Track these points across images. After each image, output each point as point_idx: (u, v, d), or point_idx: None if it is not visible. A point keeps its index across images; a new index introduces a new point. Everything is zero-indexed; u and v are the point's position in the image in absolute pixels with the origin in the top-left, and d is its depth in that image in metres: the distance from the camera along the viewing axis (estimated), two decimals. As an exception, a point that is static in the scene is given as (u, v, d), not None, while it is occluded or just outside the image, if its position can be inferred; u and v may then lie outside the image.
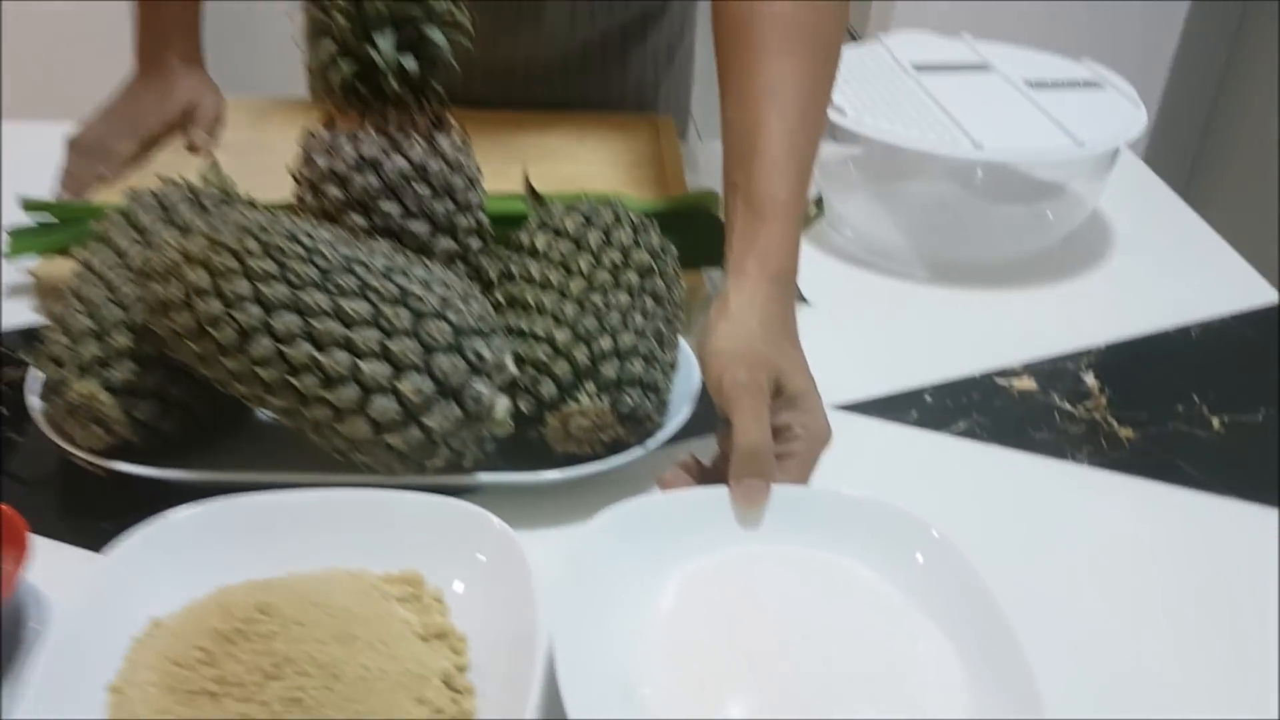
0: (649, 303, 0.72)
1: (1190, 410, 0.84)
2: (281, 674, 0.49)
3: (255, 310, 0.60)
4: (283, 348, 0.61)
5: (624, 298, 0.70)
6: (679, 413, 0.74)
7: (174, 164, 0.98)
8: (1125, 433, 0.81)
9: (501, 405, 0.66)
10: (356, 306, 0.61)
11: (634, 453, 0.70)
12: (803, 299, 0.94)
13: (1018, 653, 0.53)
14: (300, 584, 0.54)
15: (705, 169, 1.13)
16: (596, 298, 0.70)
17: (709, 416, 0.70)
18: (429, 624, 0.56)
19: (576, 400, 0.67)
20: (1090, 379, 0.87)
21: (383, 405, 0.62)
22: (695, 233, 0.87)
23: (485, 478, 0.67)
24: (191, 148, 1.06)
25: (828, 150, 0.83)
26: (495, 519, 0.59)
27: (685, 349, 0.80)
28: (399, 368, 0.62)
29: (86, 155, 1.02)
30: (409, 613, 0.57)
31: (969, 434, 0.80)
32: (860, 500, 0.62)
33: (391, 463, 0.64)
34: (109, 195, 0.96)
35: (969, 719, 0.51)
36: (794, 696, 0.51)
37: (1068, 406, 0.84)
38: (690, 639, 0.55)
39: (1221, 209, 1.22)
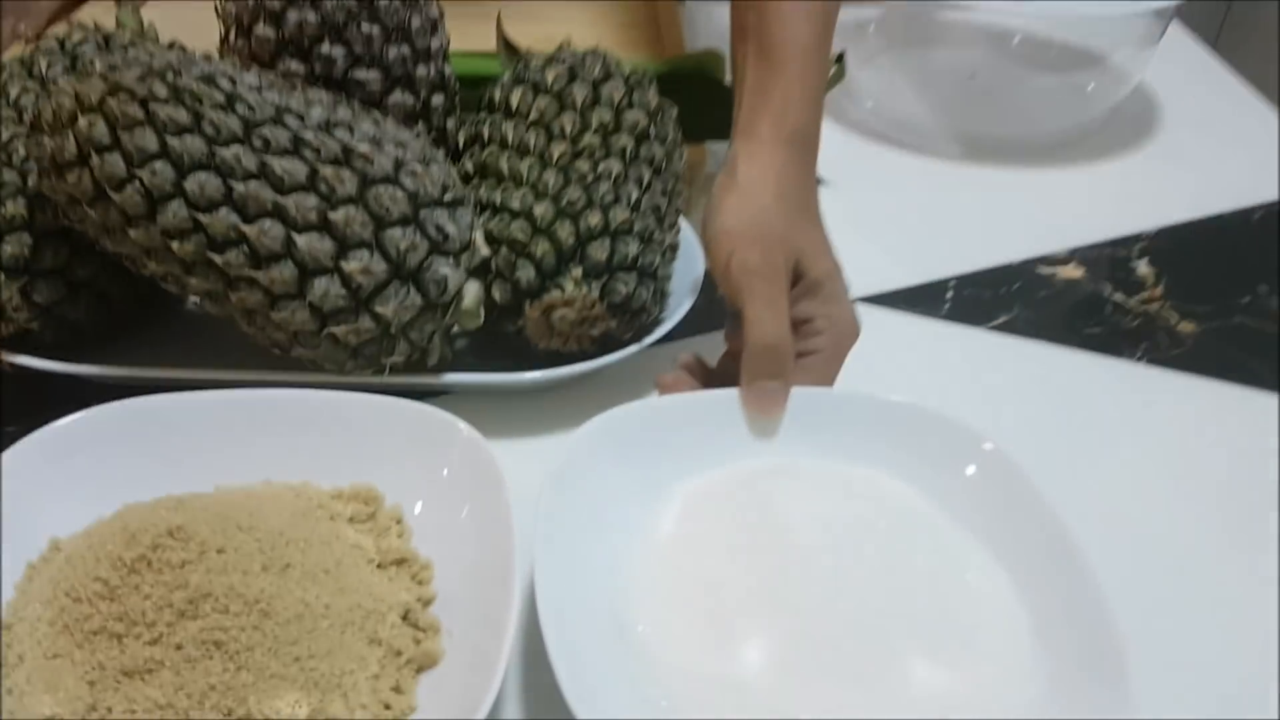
0: (645, 172, 0.61)
1: (1256, 301, 0.74)
2: (198, 611, 0.40)
3: (164, 169, 0.49)
4: (200, 216, 0.50)
5: (615, 165, 0.59)
6: (681, 305, 0.64)
7: (104, 19, 0.84)
8: (1186, 327, 0.71)
9: (471, 292, 0.55)
10: (289, 166, 0.50)
11: (628, 351, 0.60)
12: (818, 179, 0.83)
13: (1089, 583, 0.44)
14: (224, 502, 0.44)
15: (706, 31, 1.00)
16: (583, 165, 0.59)
17: (716, 310, 0.59)
18: (386, 549, 0.47)
19: (559, 287, 0.57)
20: (1144, 267, 0.77)
21: (325, 288, 0.51)
22: (696, 100, 0.75)
23: (453, 379, 0.57)
24: None
25: (845, 12, 0.72)
26: (463, 425, 0.49)
27: (688, 230, 0.69)
28: (343, 243, 0.51)
29: (4, 13, 0.89)
30: (362, 536, 0.47)
31: (1009, 328, 0.70)
32: (896, 405, 0.53)
33: (341, 359, 0.54)
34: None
35: (1034, 670, 0.43)
36: (819, 637, 0.43)
37: (1120, 298, 0.74)
38: (694, 569, 0.46)
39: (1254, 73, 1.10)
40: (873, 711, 0.41)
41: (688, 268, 0.67)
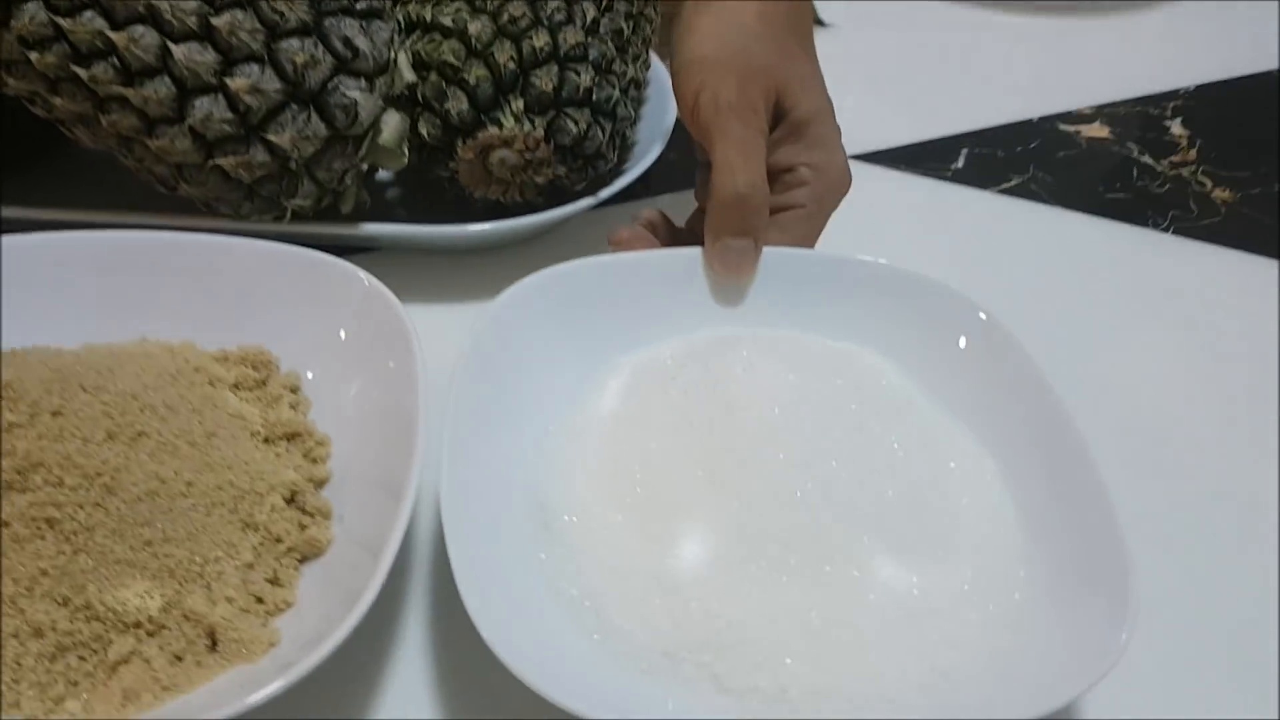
0: (605, -11, 0.52)
1: (1303, 170, 0.65)
2: (26, 483, 0.33)
3: (4, -41, 0.40)
4: (61, 21, 0.41)
5: (569, -21, 0.50)
6: (647, 154, 0.56)
7: None
8: (1220, 194, 0.63)
9: (390, 125, 0.47)
10: (156, -43, 0.41)
11: (580, 204, 0.52)
12: (818, 20, 0.73)
13: (1090, 476, 0.37)
14: (68, 358, 0.37)
15: None
16: (529, -24, 0.50)
17: (690, 164, 0.51)
18: (275, 421, 0.40)
19: (497, 123, 0.49)
20: (1177, 127, 0.68)
21: (207, 110, 0.43)
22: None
23: (372, 230, 0.50)
24: None
25: None
26: (365, 276, 0.42)
27: (661, 69, 0.61)
28: (228, 55, 0.42)
29: None
30: (246, 405, 0.41)
31: (1023, 192, 0.62)
32: (881, 270, 0.45)
33: (236, 200, 0.47)
34: None
35: (1020, 573, 0.36)
36: (770, 531, 0.36)
37: (1149, 160, 0.65)
38: (631, 451, 0.39)
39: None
40: (829, 615, 0.35)
41: (659, 112, 0.59)
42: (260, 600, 0.35)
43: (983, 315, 0.42)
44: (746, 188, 0.44)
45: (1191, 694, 0.38)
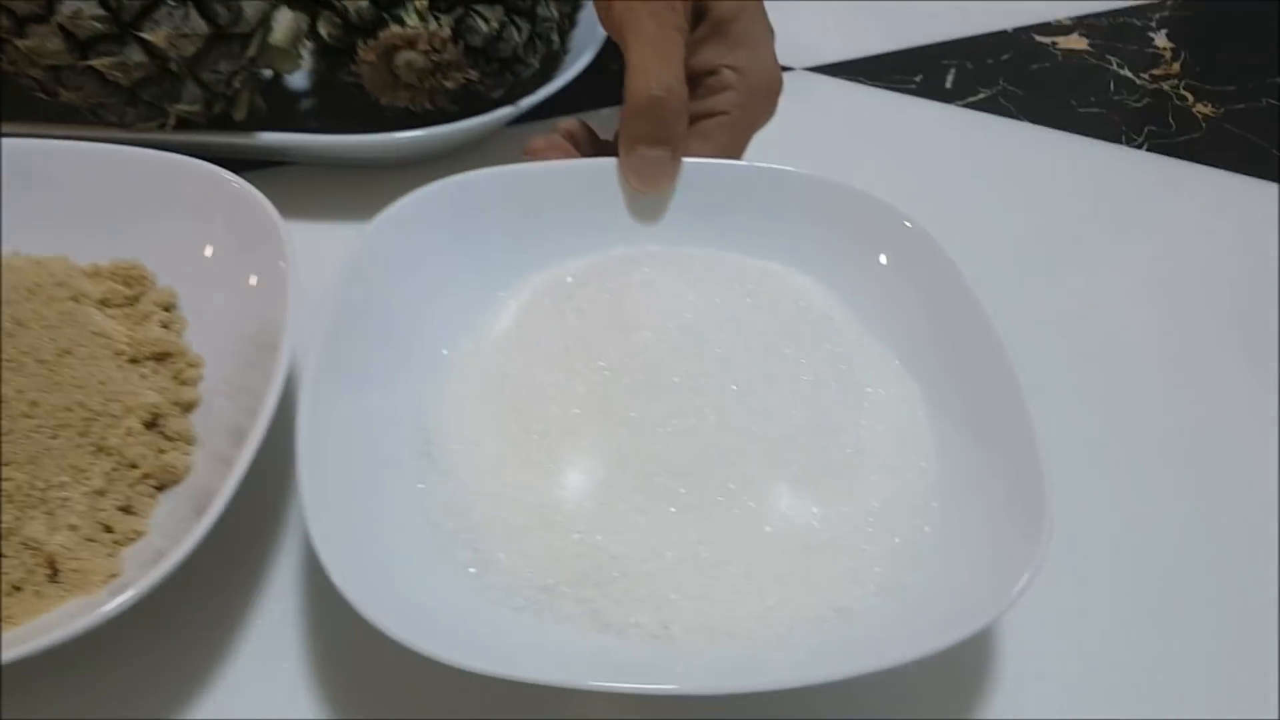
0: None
1: (1293, 84, 0.61)
2: None
3: None
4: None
5: None
6: (577, 61, 0.52)
7: None
8: (1202, 109, 0.59)
9: (282, 23, 0.44)
10: None
11: (499, 114, 0.48)
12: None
13: (1015, 405, 0.34)
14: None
15: None
16: None
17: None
18: (143, 340, 0.37)
19: (400, 21, 0.45)
20: (1162, 39, 0.64)
21: (77, 7, 0.40)
22: None
23: (269, 139, 0.46)
24: None
25: None
26: (236, 180, 0.39)
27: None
28: (90, -57, 0.39)
29: None
30: (112, 323, 0.38)
31: (992, 106, 0.58)
32: (807, 181, 0.41)
33: (119, 106, 0.43)
34: None
35: (935, 510, 0.34)
36: (661, 461, 0.33)
37: (1128, 74, 0.61)
38: (526, 377, 0.36)
39: None
40: (720, 548, 0.32)
41: (593, 19, 0.55)
42: (109, 529, 0.33)
43: (908, 224, 0.39)
44: (661, 90, 0.40)
45: (1113, 628, 0.35)
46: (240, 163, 0.43)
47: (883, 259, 0.39)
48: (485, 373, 0.37)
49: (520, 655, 0.30)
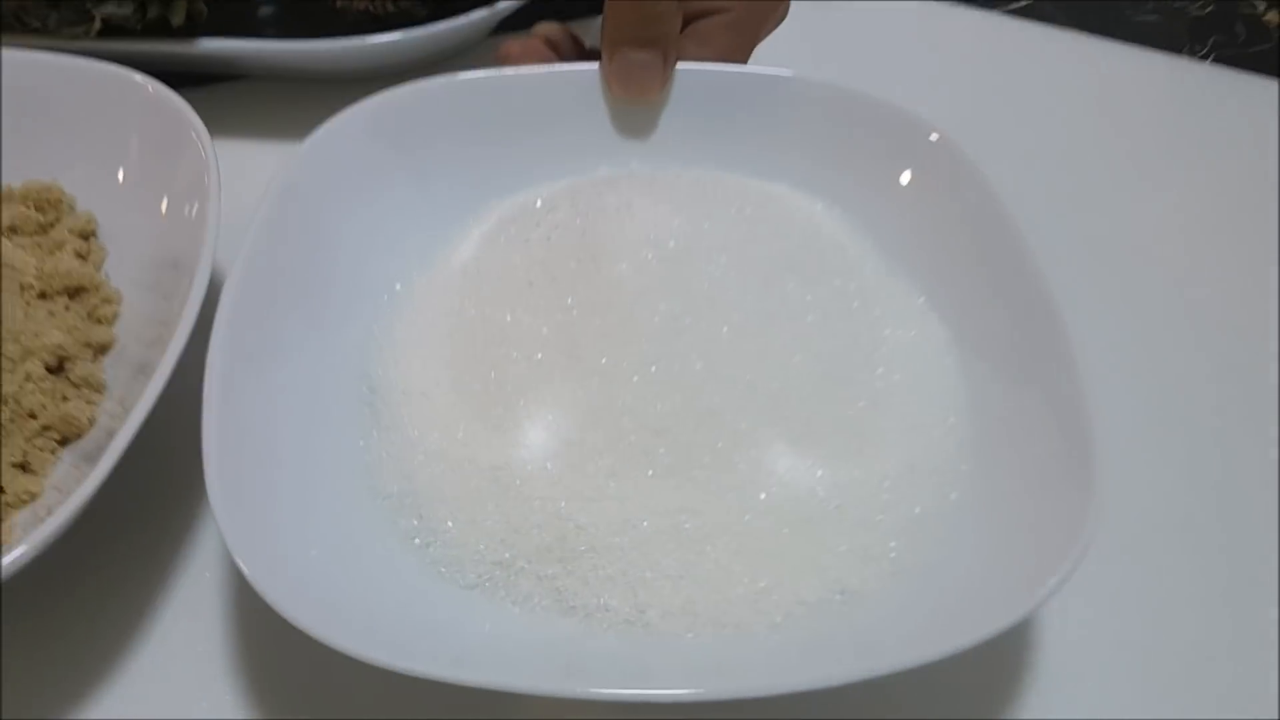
0: None
1: (1384, -13, 0.53)
2: None
3: None
4: None
5: None
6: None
7: None
8: (1273, 17, 0.52)
9: (219, -90, 0.38)
10: None
11: (473, 17, 0.43)
12: None
13: (1061, 352, 0.28)
14: None
15: None
16: None
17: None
18: (53, 272, 0.33)
19: (356, -92, 0.39)
20: (1233, -63, 0.56)
21: (-33, -114, 0.34)
22: None
23: (211, 46, 0.41)
24: None
25: None
26: (155, 86, 0.34)
27: None
28: None
29: None
30: (20, 253, 0.33)
31: (1034, 13, 0.51)
32: (819, 89, 0.35)
33: (41, 9, 0.38)
34: None
35: (966, 471, 0.28)
36: (642, 419, 0.28)
37: (1191, -24, 0.54)
38: (484, 317, 0.31)
39: None
40: (705, 519, 0.27)
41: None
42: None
43: (935, 137, 0.33)
44: None
45: (1168, 619, 0.30)
46: (181, 77, 0.37)
47: (906, 179, 0.34)
48: (438, 311, 0.32)
49: (467, 648, 0.25)
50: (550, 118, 0.36)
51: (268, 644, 0.28)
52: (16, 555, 0.24)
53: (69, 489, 0.29)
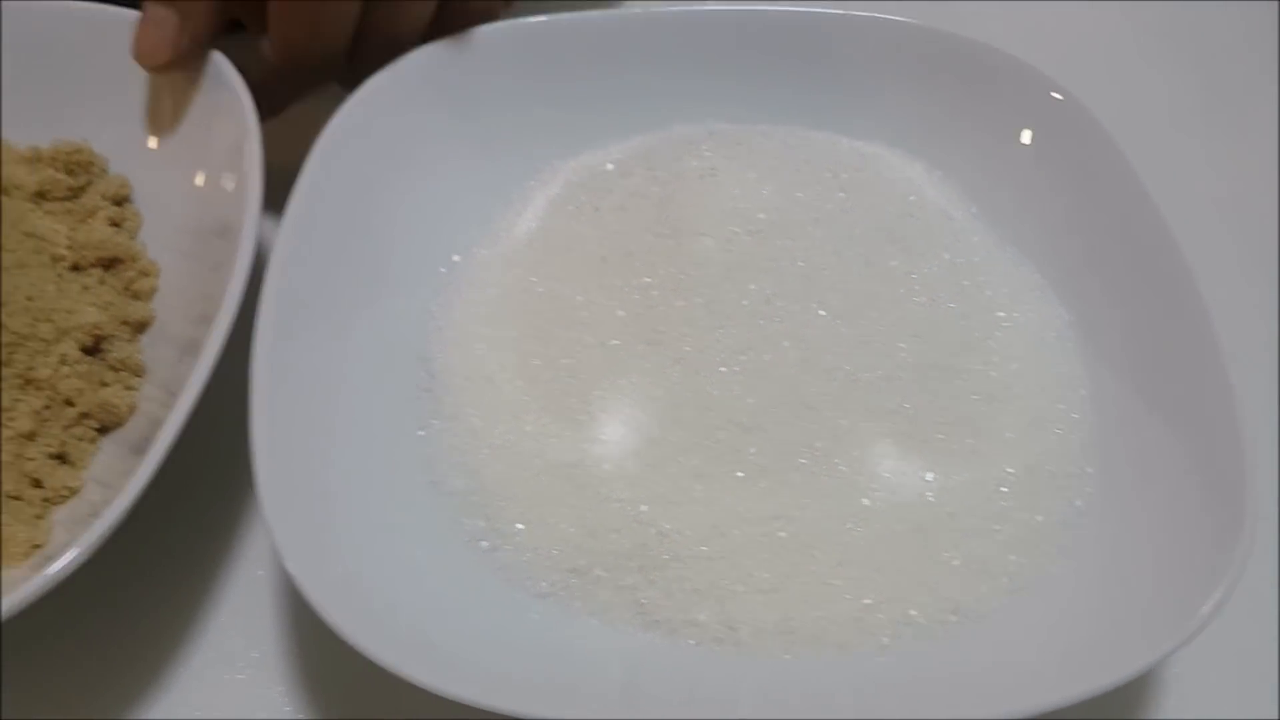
0: None
1: None
2: None
3: None
4: None
5: None
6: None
7: None
8: None
9: None
10: None
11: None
12: None
13: (1202, 338, 0.25)
14: None
15: None
16: None
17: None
18: (86, 242, 0.30)
19: None
20: None
21: None
22: None
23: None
24: None
25: None
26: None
27: None
28: None
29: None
30: (50, 221, 0.31)
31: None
32: (922, 35, 0.32)
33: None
34: None
35: (1091, 474, 0.26)
36: (731, 413, 0.25)
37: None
38: (552, 296, 0.28)
39: None
40: (803, 526, 0.24)
41: None
42: (38, 484, 0.26)
43: (1057, 95, 0.29)
44: None
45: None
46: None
47: (1021, 139, 0.30)
48: (502, 288, 0.29)
49: (540, 673, 0.23)
50: (617, 68, 0.33)
51: (323, 645, 0.26)
52: (67, 560, 0.22)
53: (111, 482, 0.27)
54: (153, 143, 0.32)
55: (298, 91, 0.32)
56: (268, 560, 0.28)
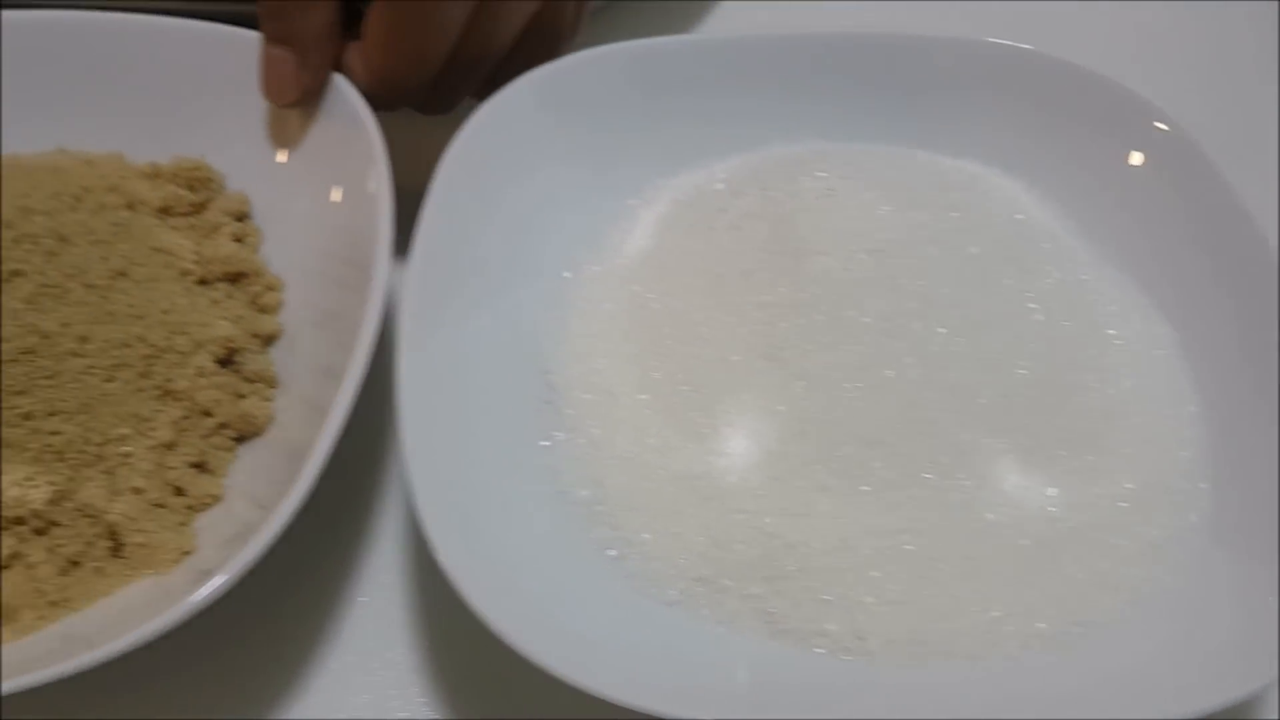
0: None
1: None
2: None
3: None
4: None
5: None
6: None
7: None
8: None
9: None
10: None
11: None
12: None
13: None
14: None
15: None
16: None
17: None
18: (213, 257, 0.31)
19: None
20: None
21: None
22: None
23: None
24: None
25: None
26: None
27: None
28: None
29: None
30: (176, 235, 0.32)
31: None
32: (1020, 57, 0.33)
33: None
34: None
35: (1204, 492, 0.26)
36: (856, 429, 0.26)
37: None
38: (670, 311, 0.29)
39: None
40: (930, 539, 0.25)
41: None
42: (181, 492, 0.27)
43: (1163, 126, 0.30)
44: None
45: None
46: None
47: (1123, 161, 0.31)
48: (617, 303, 0.30)
49: (676, 676, 0.24)
50: (719, 90, 0.33)
51: (456, 646, 0.27)
52: (221, 582, 0.23)
53: (248, 491, 0.27)
54: (273, 159, 0.33)
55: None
56: (395, 565, 0.29)
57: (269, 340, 0.31)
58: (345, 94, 0.31)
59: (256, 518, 0.25)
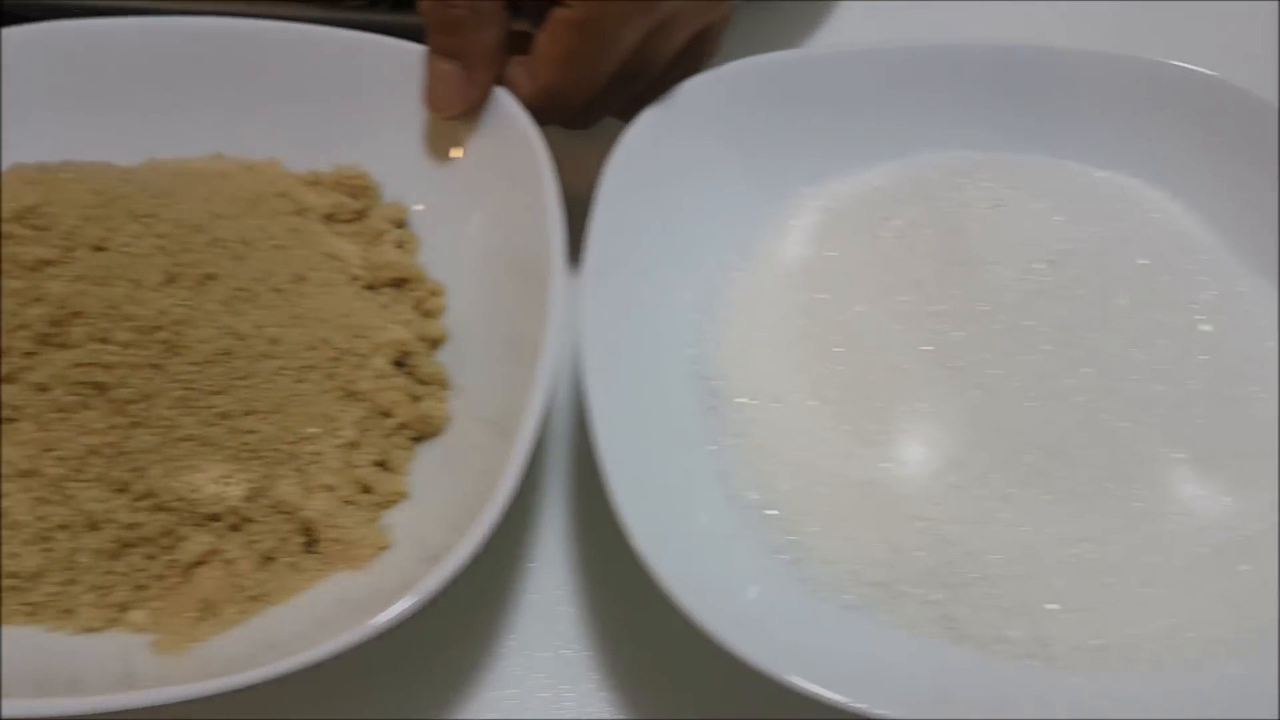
0: None
1: None
2: (66, 338, 0.26)
3: None
4: None
5: None
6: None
7: None
8: None
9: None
10: None
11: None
12: None
13: None
14: (117, 176, 0.30)
15: None
16: None
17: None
18: (378, 263, 0.32)
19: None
20: None
21: None
22: None
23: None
24: None
25: None
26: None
27: None
28: None
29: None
30: (343, 242, 0.32)
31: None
32: (1172, 72, 0.33)
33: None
34: None
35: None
36: (1035, 438, 0.27)
37: None
38: (836, 318, 0.30)
39: None
40: (1111, 548, 0.26)
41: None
42: (367, 490, 0.28)
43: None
44: None
45: None
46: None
47: (1262, 172, 0.31)
48: (777, 310, 0.30)
49: (876, 679, 0.24)
50: (865, 99, 0.34)
51: (621, 644, 0.28)
52: (412, 603, 0.23)
53: (429, 491, 0.28)
54: (430, 169, 0.33)
55: None
56: (558, 566, 0.29)
57: (436, 343, 0.31)
58: (507, 107, 0.32)
59: (453, 519, 0.25)
